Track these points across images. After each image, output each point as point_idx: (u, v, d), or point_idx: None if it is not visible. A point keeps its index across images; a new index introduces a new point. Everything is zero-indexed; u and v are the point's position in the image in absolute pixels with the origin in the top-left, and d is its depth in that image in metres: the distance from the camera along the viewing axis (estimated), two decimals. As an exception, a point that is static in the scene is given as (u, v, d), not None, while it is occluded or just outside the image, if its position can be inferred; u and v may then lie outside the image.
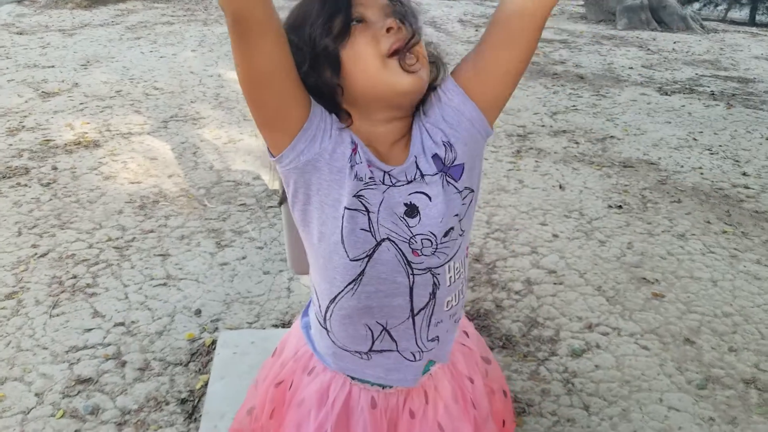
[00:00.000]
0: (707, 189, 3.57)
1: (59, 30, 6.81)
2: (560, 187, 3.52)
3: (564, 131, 4.43)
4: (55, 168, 3.44)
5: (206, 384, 1.95)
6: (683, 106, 5.22)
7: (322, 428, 1.08)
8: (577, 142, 4.23)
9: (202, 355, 2.11)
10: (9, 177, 3.31)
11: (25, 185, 3.23)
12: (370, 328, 1.03)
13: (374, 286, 0.98)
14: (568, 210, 3.24)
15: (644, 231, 3.05)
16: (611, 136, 4.38)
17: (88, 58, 5.73)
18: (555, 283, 2.59)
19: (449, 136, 0.98)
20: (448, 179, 0.98)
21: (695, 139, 4.39)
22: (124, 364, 2.05)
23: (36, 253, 2.63)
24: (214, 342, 2.15)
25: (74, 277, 2.49)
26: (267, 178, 3.43)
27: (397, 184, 0.96)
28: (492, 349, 2.19)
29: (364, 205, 0.94)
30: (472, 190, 1.02)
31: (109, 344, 2.14)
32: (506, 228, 3.02)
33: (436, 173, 0.97)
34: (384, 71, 0.91)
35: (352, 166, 0.93)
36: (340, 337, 1.06)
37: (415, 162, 0.97)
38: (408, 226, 0.96)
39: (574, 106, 5.07)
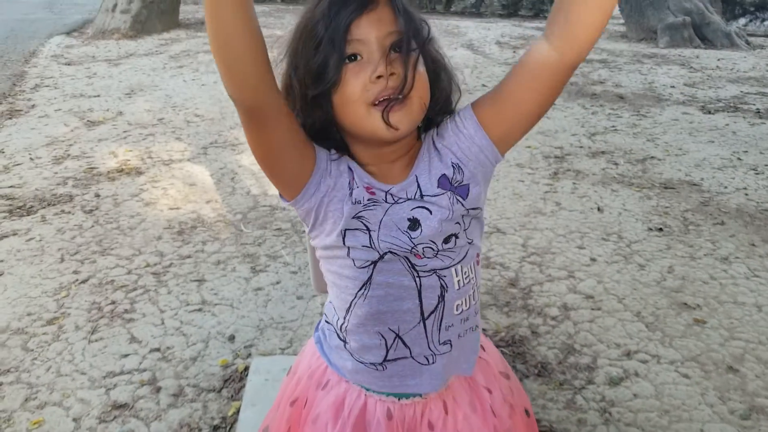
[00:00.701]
0: (752, 210, 3.47)
1: (105, 60, 7.03)
2: (598, 209, 3.46)
3: (603, 152, 4.37)
4: (97, 195, 3.53)
5: (238, 411, 1.95)
6: (727, 124, 5.10)
7: None
8: (616, 163, 4.17)
9: (234, 381, 2.12)
10: (54, 204, 3.41)
11: (69, 212, 3.32)
12: (383, 336, 1.06)
13: (383, 289, 1.03)
14: (606, 233, 3.18)
15: (686, 254, 2.97)
16: (652, 157, 4.31)
17: (132, 87, 5.89)
18: (592, 309, 2.54)
19: (459, 159, 1.03)
20: (457, 198, 1.02)
21: (740, 159, 4.28)
22: (158, 389, 2.07)
23: (77, 279, 2.69)
24: (246, 368, 2.16)
25: (113, 302, 2.54)
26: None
27: (399, 202, 1.01)
28: (527, 376, 2.15)
29: (364, 224, 1.00)
30: (479, 208, 1.06)
31: (144, 370, 2.17)
32: (542, 252, 2.98)
33: (443, 193, 1.01)
34: (367, 119, 0.94)
35: (350, 193, 1.00)
36: (356, 348, 1.09)
37: (416, 180, 1.02)
38: (410, 238, 1.01)
39: (613, 126, 5.00)
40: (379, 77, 0.91)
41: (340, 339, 1.11)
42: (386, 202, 1.00)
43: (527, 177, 3.90)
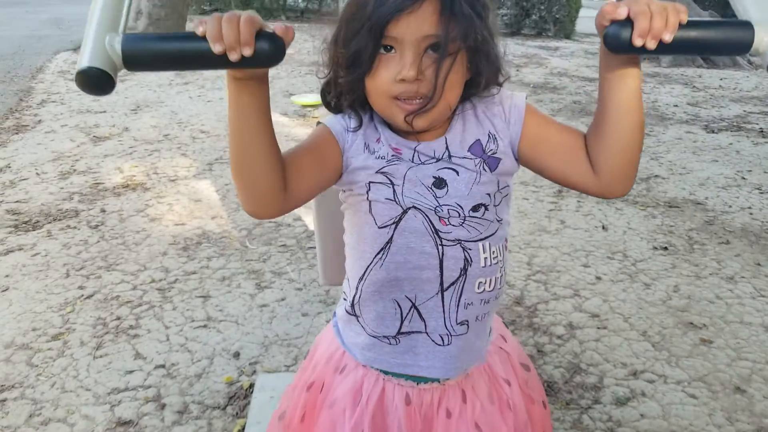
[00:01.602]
0: (757, 230, 3.47)
1: (112, 76, 7.07)
2: (603, 227, 3.46)
3: (607, 171, 4.37)
4: (103, 210, 3.54)
5: (243, 428, 1.95)
6: (731, 144, 5.12)
7: (359, 428, 1.08)
8: (620, 182, 4.16)
9: (239, 398, 2.11)
10: (60, 219, 3.41)
11: (75, 227, 3.33)
12: (399, 304, 1.05)
13: (403, 255, 1.01)
14: (611, 251, 3.18)
15: (691, 273, 2.97)
16: (656, 175, 4.31)
17: (138, 103, 5.92)
18: (598, 328, 2.53)
19: (498, 132, 1.03)
20: (485, 167, 1.01)
21: (744, 178, 4.28)
22: (163, 406, 2.07)
23: (82, 295, 2.70)
24: (251, 385, 2.15)
25: (118, 318, 2.54)
26: (307, 219, 3.47)
27: (426, 162, 1.00)
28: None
29: (388, 178, 1.00)
30: (507, 185, 1.06)
31: (149, 386, 2.16)
32: (548, 270, 2.98)
33: (473, 158, 1.01)
34: (389, 110, 0.96)
35: (372, 152, 1.01)
36: (369, 320, 1.08)
37: (446, 143, 1.01)
38: (435, 197, 0.99)
39: (617, 145, 5.00)
40: (402, 80, 0.91)
41: (354, 314, 1.10)
42: (411, 161, 1.00)
43: (531, 195, 3.90)
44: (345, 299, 1.14)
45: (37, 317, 2.53)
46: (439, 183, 0.99)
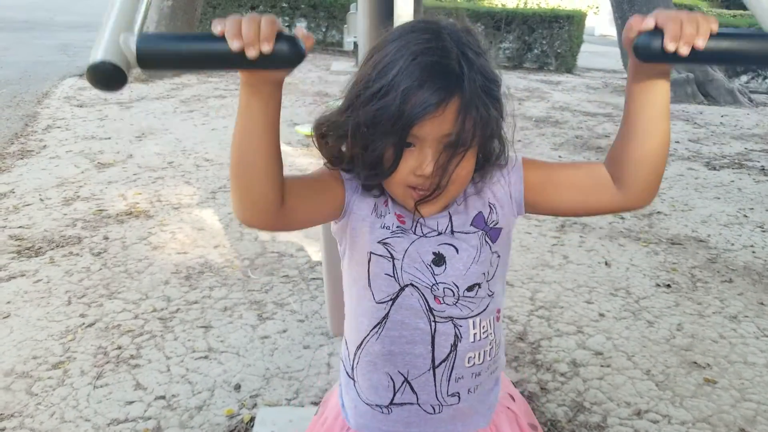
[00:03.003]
0: (760, 268, 3.46)
1: (117, 103, 7.13)
2: (606, 263, 3.46)
3: (609, 206, 4.39)
4: (106, 238, 3.54)
5: (243, 463, 1.93)
6: (732, 181, 5.14)
7: None
8: (622, 218, 4.18)
9: (240, 432, 2.09)
10: (62, 246, 3.41)
11: (77, 254, 3.32)
12: (392, 378, 1.07)
13: (397, 330, 1.04)
14: (614, 288, 3.18)
15: (694, 312, 2.96)
16: (658, 212, 4.32)
17: (143, 130, 5.96)
18: (602, 366, 2.52)
19: (498, 200, 1.04)
20: (487, 239, 1.04)
21: (746, 216, 4.29)
22: (163, 439, 2.04)
23: (84, 323, 2.68)
24: (252, 419, 2.13)
25: (119, 347, 2.52)
26: (310, 249, 3.47)
27: (428, 235, 1.02)
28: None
29: (389, 251, 1.01)
30: (499, 255, 1.07)
31: (149, 418, 2.14)
32: (551, 305, 2.97)
33: (475, 231, 1.03)
34: (401, 195, 0.98)
35: (379, 216, 1.01)
36: (364, 388, 1.10)
37: (449, 216, 1.03)
38: (433, 274, 1.01)
39: (619, 180, 5.03)
40: (421, 175, 0.93)
41: (350, 377, 1.12)
42: (414, 233, 1.01)
43: (534, 229, 3.91)
44: (344, 360, 1.16)
45: (37, 345, 2.52)
46: (439, 260, 1.01)
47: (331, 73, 9.96)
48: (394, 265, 1.01)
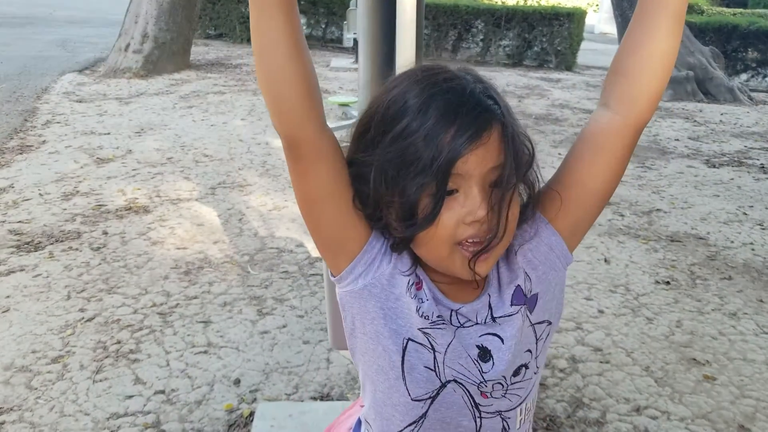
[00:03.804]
0: (759, 266, 3.47)
1: (116, 98, 7.12)
2: (605, 260, 3.46)
3: (608, 203, 4.38)
4: (105, 233, 3.54)
5: (243, 457, 1.93)
6: (732, 179, 5.14)
7: None
8: (622, 215, 4.18)
9: (239, 426, 2.09)
10: (62, 241, 3.41)
11: (77, 249, 3.32)
12: None
13: (437, 430, 0.91)
14: (613, 285, 3.18)
15: (693, 309, 2.96)
16: (657, 209, 4.32)
17: (142, 126, 5.95)
18: (601, 362, 2.52)
19: (529, 262, 0.91)
20: (527, 313, 0.90)
21: (745, 214, 4.29)
22: (162, 433, 2.05)
23: (83, 318, 2.68)
24: (252, 413, 2.13)
25: (118, 342, 2.52)
26: (310, 245, 3.47)
27: (466, 325, 0.88)
28: (535, 430, 2.12)
29: (429, 342, 0.87)
30: (550, 323, 0.94)
31: (148, 412, 2.14)
32: (550, 302, 2.97)
33: (516, 311, 0.89)
34: (449, 259, 0.83)
35: (417, 301, 0.87)
36: None
37: (488, 301, 0.90)
38: (481, 371, 0.88)
39: (618, 177, 5.03)
40: (474, 221, 0.80)
41: None
42: (451, 324, 0.88)
43: (534, 226, 3.90)
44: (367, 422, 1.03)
45: (37, 339, 2.52)
46: (484, 354, 0.88)
47: (331, 69, 9.95)
48: (435, 357, 0.87)
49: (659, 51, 0.85)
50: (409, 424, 0.91)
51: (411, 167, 0.78)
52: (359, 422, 1.07)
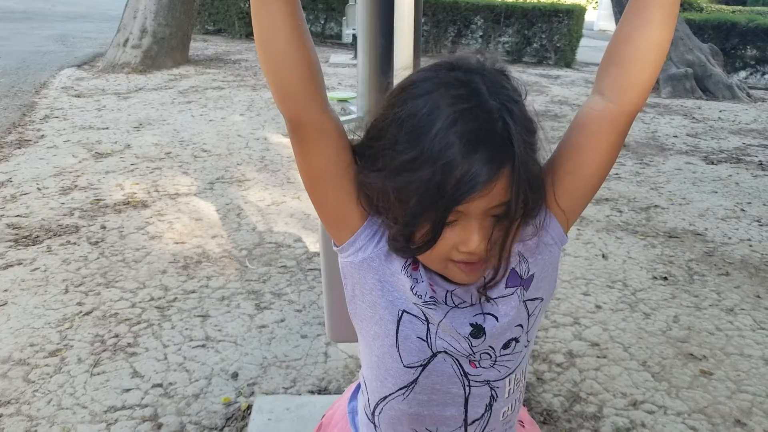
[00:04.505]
0: (756, 262, 3.47)
1: (115, 93, 7.11)
2: (603, 256, 3.47)
3: (607, 199, 4.40)
4: (103, 227, 3.54)
5: (240, 450, 1.93)
6: (730, 175, 5.14)
7: None
8: (620, 211, 4.18)
9: (237, 420, 2.09)
10: (60, 235, 3.41)
11: (75, 243, 3.32)
12: None
13: (427, 395, 0.95)
14: (611, 280, 3.18)
15: (691, 304, 2.97)
16: (655, 206, 4.33)
17: (140, 121, 5.95)
18: (598, 357, 2.52)
19: (525, 247, 0.93)
20: (523, 291, 0.93)
21: (743, 210, 4.30)
22: (160, 426, 2.05)
23: (81, 311, 2.68)
24: (249, 407, 2.14)
25: (116, 336, 2.52)
26: (308, 240, 3.47)
27: (461, 306, 0.91)
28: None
29: (424, 314, 0.91)
30: (542, 299, 0.96)
31: (146, 405, 2.14)
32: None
33: (512, 292, 0.92)
34: (445, 269, 0.87)
35: (413, 280, 0.89)
36: None
37: (484, 283, 0.91)
38: (471, 345, 0.92)
39: (617, 174, 5.03)
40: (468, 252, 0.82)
41: (370, 421, 1.04)
42: (446, 304, 0.90)
43: (532, 222, 3.90)
44: (364, 401, 1.07)
45: (34, 333, 2.52)
46: (477, 332, 0.91)
47: (330, 65, 9.94)
48: (428, 329, 0.91)
49: (652, 40, 0.85)
50: (401, 388, 0.95)
51: (414, 201, 0.78)
52: (359, 386, 1.11)
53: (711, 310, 2.92)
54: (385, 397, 0.98)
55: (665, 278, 3.23)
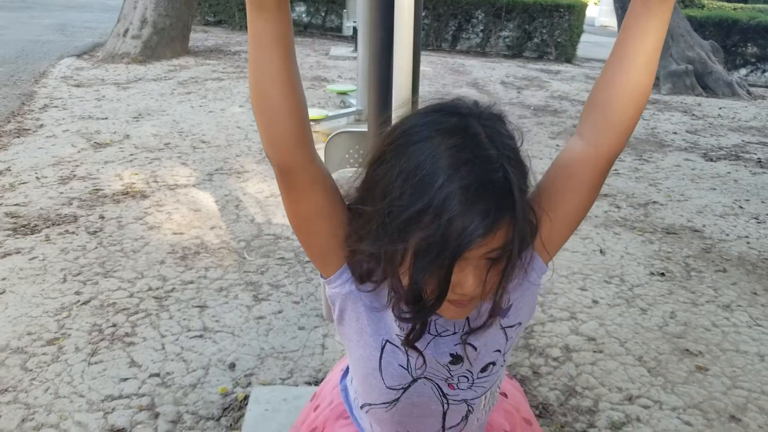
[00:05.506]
0: (754, 259, 3.48)
1: (114, 83, 7.09)
2: (601, 251, 3.47)
3: (605, 195, 4.40)
4: (102, 217, 3.54)
5: (237, 440, 1.94)
6: (729, 172, 5.15)
7: None
8: (618, 207, 4.19)
9: (234, 410, 2.10)
10: (58, 224, 3.41)
11: (73, 233, 3.32)
12: None
13: (408, 410, 1.01)
14: (608, 275, 3.19)
15: (687, 300, 2.97)
16: (654, 202, 4.33)
17: (140, 111, 5.93)
18: (594, 351, 2.53)
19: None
20: (501, 321, 0.97)
21: (741, 207, 4.31)
22: (157, 416, 2.05)
23: (79, 300, 2.69)
24: (246, 397, 2.14)
25: (114, 325, 2.53)
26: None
27: (443, 334, 0.95)
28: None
29: (405, 347, 0.94)
30: (520, 323, 1.00)
31: (143, 395, 2.15)
32: (545, 291, 2.98)
33: (492, 319, 0.94)
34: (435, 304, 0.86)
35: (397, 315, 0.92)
36: (373, 430, 1.11)
37: (467, 317, 0.95)
38: (449, 371, 0.97)
39: (615, 170, 5.03)
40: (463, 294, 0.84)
41: (360, 408, 1.11)
42: (429, 333, 0.94)
43: (530, 216, 3.91)
44: (352, 387, 1.13)
45: (32, 321, 2.52)
46: (456, 360, 0.96)
47: (330, 57, 9.92)
48: (408, 360, 0.95)
49: (633, 85, 0.88)
50: (384, 403, 1.01)
51: (422, 256, 0.78)
52: (347, 370, 1.18)
53: (707, 307, 2.93)
54: (371, 405, 1.04)
55: (662, 274, 3.23)
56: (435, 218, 0.76)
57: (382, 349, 0.95)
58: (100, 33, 10.51)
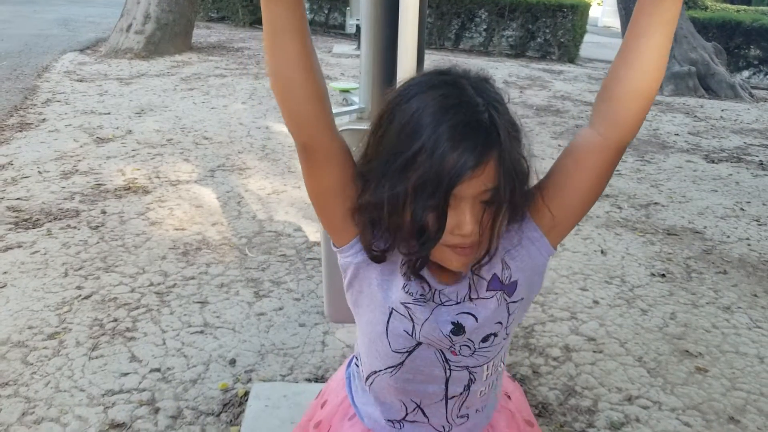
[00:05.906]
0: (754, 261, 3.48)
1: (117, 78, 7.10)
2: (602, 252, 3.48)
3: (607, 196, 4.40)
4: (104, 212, 3.54)
5: (237, 436, 1.94)
6: (730, 174, 5.15)
7: None
8: (620, 207, 4.19)
9: (234, 406, 2.10)
10: (60, 219, 3.41)
11: (75, 227, 3.32)
12: (404, 404, 1.09)
13: (412, 374, 1.04)
14: (609, 276, 3.19)
15: (688, 302, 2.98)
16: (655, 203, 4.33)
17: (142, 107, 5.94)
18: (594, 351, 2.54)
19: (507, 252, 0.99)
20: (505, 296, 1.00)
21: (743, 209, 4.31)
22: (157, 410, 2.06)
23: (80, 295, 2.69)
24: (246, 393, 2.15)
25: (115, 320, 2.53)
26: (308, 229, 3.47)
27: (446, 303, 0.98)
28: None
29: (410, 314, 0.99)
30: (523, 299, 1.03)
31: (144, 390, 2.15)
32: (545, 291, 2.98)
33: (492, 295, 0.99)
34: (442, 255, 0.91)
35: (406, 278, 0.96)
36: (378, 403, 1.12)
37: (469, 283, 0.98)
38: (451, 341, 1.00)
39: (617, 170, 5.02)
40: (462, 234, 0.87)
41: (365, 388, 1.13)
42: (432, 301, 0.98)
43: (532, 216, 3.91)
44: (357, 365, 1.17)
45: (33, 315, 2.53)
46: (457, 330, 0.99)
47: (333, 55, 9.93)
48: (413, 326, 0.99)
49: (640, 83, 0.91)
50: (389, 367, 1.05)
51: (420, 194, 0.84)
52: (353, 357, 1.22)
53: (708, 308, 2.93)
54: (376, 372, 1.07)
55: (663, 275, 3.24)
56: (428, 158, 0.82)
57: (390, 314, 0.99)
58: (103, 28, 10.52)
